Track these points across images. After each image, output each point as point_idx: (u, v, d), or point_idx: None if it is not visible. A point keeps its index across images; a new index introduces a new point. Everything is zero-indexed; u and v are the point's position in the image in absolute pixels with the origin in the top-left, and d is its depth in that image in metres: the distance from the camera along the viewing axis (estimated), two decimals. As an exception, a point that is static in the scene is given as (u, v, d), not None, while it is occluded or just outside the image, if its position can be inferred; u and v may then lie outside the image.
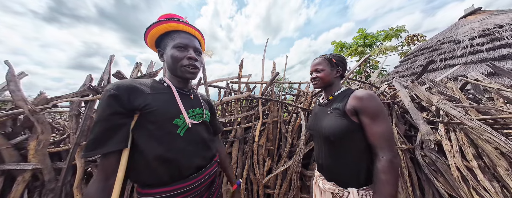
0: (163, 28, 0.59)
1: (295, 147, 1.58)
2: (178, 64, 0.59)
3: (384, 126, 0.63)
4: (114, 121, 0.48)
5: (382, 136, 0.62)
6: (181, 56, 0.58)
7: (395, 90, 1.84)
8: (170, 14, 0.62)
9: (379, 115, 0.63)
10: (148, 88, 0.56)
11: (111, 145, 0.47)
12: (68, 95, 1.28)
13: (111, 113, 0.48)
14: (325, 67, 0.80)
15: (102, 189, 0.46)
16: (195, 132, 0.61)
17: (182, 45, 0.58)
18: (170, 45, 0.59)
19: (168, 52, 0.59)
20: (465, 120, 1.07)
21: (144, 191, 0.53)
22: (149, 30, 0.59)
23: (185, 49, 0.59)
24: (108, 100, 0.48)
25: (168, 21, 0.58)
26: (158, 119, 0.54)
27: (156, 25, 0.58)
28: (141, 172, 0.53)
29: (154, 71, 1.47)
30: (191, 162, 0.58)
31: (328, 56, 0.82)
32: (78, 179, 1.14)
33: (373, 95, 0.67)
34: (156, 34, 0.60)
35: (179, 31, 0.61)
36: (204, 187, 0.61)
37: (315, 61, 0.84)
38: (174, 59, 0.58)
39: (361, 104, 0.66)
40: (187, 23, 0.61)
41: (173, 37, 0.59)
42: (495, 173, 1.21)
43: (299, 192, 1.47)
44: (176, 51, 0.58)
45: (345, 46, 10.12)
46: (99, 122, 0.47)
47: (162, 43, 0.62)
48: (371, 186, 0.67)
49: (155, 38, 0.62)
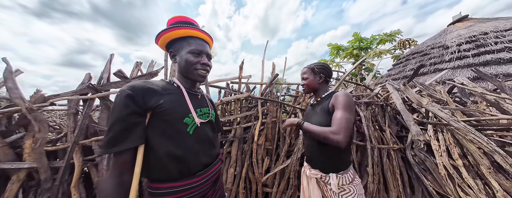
0: (181, 33, 0.62)
1: (293, 146, 1.62)
2: (191, 68, 0.63)
3: (345, 114, 0.75)
4: (131, 119, 0.50)
5: (340, 120, 0.73)
6: (195, 61, 0.62)
7: (388, 93, 1.93)
8: (183, 17, 0.64)
9: (344, 106, 0.77)
10: (160, 89, 0.58)
11: (129, 142, 0.50)
12: (67, 94, 1.25)
13: (128, 112, 0.50)
14: (309, 76, 0.97)
15: (118, 185, 0.48)
16: (203, 131, 0.64)
17: (197, 52, 0.62)
18: (185, 49, 0.62)
19: (183, 55, 0.62)
20: (451, 121, 1.15)
21: (155, 186, 0.56)
22: (166, 32, 0.61)
23: (199, 55, 0.63)
24: (125, 100, 0.50)
25: (187, 28, 0.61)
26: (169, 117, 0.56)
27: (174, 29, 0.61)
28: (152, 168, 0.55)
29: (155, 70, 1.47)
30: (199, 159, 0.61)
31: (311, 66, 0.99)
32: (76, 178, 1.13)
33: (346, 94, 0.82)
34: (171, 37, 0.63)
35: (195, 37, 0.64)
36: (209, 184, 0.64)
37: (302, 71, 1.02)
38: (188, 63, 0.62)
39: (335, 100, 0.81)
40: (203, 31, 0.65)
41: (189, 42, 0.63)
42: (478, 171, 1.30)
43: (297, 190, 1.51)
44: (191, 56, 0.62)
45: (341, 48, 10.34)
46: (117, 121, 0.49)
47: (175, 45, 0.64)
48: (346, 170, 0.85)
49: (169, 40, 0.64)
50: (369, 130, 1.67)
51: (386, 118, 1.88)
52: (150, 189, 0.56)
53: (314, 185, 0.91)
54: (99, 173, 1.22)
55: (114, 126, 0.49)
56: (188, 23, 0.62)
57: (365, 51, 9.67)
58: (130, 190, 0.49)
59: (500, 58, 4.53)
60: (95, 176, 1.24)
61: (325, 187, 0.87)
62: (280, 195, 1.53)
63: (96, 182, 1.21)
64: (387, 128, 1.79)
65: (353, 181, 0.85)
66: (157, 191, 0.55)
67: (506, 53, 4.56)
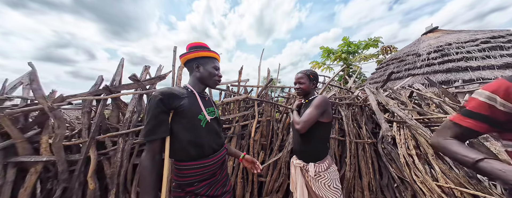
0: (208, 54, 0.87)
1: (285, 141, 1.86)
2: (212, 78, 0.87)
3: (311, 111, 0.97)
4: (161, 117, 0.69)
5: (305, 115, 0.97)
6: (215, 73, 0.87)
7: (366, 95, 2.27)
8: (204, 44, 0.90)
9: (315, 106, 0.98)
10: (180, 94, 0.77)
11: (160, 133, 0.70)
12: (82, 94, 1.36)
13: (159, 111, 0.69)
14: (305, 81, 1.11)
15: (153, 163, 0.68)
16: (211, 125, 0.85)
17: (217, 68, 0.88)
18: (210, 65, 0.86)
19: (208, 68, 0.85)
20: (407, 120, 1.48)
21: (180, 164, 0.76)
22: (201, 51, 0.85)
23: (217, 70, 0.89)
24: (157, 103, 0.69)
25: (213, 52, 0.88)
26: (187, 115, 0.76)
27: (206, 51, 0.86)
28: (178, 152, 0.75)
29: (163, 74, 1.62)
30: (210, 145, 0.82)
31: (307, 73, 1.13)
32: (92, 169, 1.24)
33: (321, 97, 1.01)
34: (200, 55, 0.86)
35: (215, 58, 0.90)
36: (218, 165, 0.86)
37: (298, 76, 1.14)
38: (211, 74, 0.86)
39: (315, 100, 1.01)
40: (219, 56, 0.92)
41: (212, 60, 0.87)
42: (426, 159, 1.66)
43: (287, 178, 1.75)
44: (213, 70, 0.86)
45: (331, 52, 10.98)
46: (152, 117, 0.68)
47: (201, 61, 0.87)
48: (322, 160, 1.03)
49: (197, 56, 0.86)
50: (349, 127, 1.98)
51: (364, 116, 2.21)
52: (177, 166, 0.76)
53: (299, 172, 1.10)
54: (112, 166, 1.34)
55: (150, 121, 0.68)
56: (208, 48, 0.89)
57: (353, 55, 10.39)
58: (162, 166, 0.69)
59: (459, 66, 5.29)
60: (107, 168, 1.36)
61: (306, 173, 1.05)
62: (273, 183, 1.76)
63: (108, 173, 1.34)
64: (364, 125, 2.12)
65: (328, 168, 1.02)
66: (182, 167, 0.75)
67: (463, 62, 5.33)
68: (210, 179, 0.80)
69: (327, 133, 1.09)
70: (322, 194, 0.98)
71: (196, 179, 0.76)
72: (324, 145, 1.08)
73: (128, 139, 1.42)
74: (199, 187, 0.76)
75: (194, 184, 0.75)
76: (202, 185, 0.77)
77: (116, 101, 1.52)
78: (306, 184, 1.07)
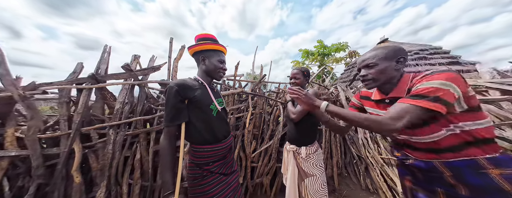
0: (216, 47, 0.91)
1: (275, 131, 2.12)
2: (217, 70, 0.92)
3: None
4: (179, 105, 0.78)
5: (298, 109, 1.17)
6: (220, 66, 0.92)
7: (338, 92, 2.74)
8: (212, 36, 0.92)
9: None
10: (192, 85, 0.84)
11: (182, 118, 0.79)
12: (60, 83, 1.17)
13: (177, 100, 0.78)
14: (300, 77, 1.28)
15: (170, 144, 0.77)
16: (221, 114, 0.96)
17: (223, 61, 0.94)
18: (216, 58, 0.90)
19: (213, 61, 0.90)
20: (366, 111, 1.94)
21: (196, 147, 0.86)
22: (208, 44, 0.89)
23: (223, 63, 0.95)
24: (174, 93, 0.77)
25: (221, 45, 0.92)
26: (200, 105, 0.86)
27: (215, 44, 0.89)
28: (195, 136, 0.86)
29: (158, 65, 1.54)
30: (221, 131, 0.93)
31: (302, 70, 1.30)
32: (77, 163, 1.14)
33: (314, 91, 1.17)
34: (207, 47, 0.90)
35: (222, 51, 0.95)
36: (227, 149, 0.98)
37: (295, 71, 1.30)
38: (216, 67, 0.91)
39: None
40: (226, 49, 0.97)
41: (218, 54, 0.92)
42: (375, 140, 2.22)
43: (276, 162, 2.03)
44: (219, 63, 0.91)
45: (310, 53, 12.07)
46: (172, 107, 0.77)
47: (207, 53, 0.91)
48: (312, 144, 1.22)
49: (204, 49, 0.90)
50: (324, 118, 2.40)
51: (334, 110, 2.69)
52: (194, 149, 0.86)
53: (291, 156, 1.26)
54: (102, 158, 1.27)
55: (171, 110, 0.77)
56: (215, 40, 0.93)
57: (327, 56, 11.69)
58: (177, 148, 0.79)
59: (400, 72, 6.82)
60: (94, 161, 1.27)
61: (298, 156, 1.21)
62: (264, 167, 2.01)
63: (94, 166, 1.26)
64: (335, 117, 2.60)
65: (316, 151, 1.21)
66: (199, 150, 0.85)
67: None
68: (222, 160, 0.92)
69: (316, 121, 1.30)
70: (311, 172, 1.18)
71: (211, 160, 0.87)
72: (314, 132, 1.27)
73: (119, 131, 1.35)
74: (214, 166, 0.87)
75: (210, 163, 0.86)
76: (216, 165, 0.88)
77: (102, 91, 1.39)
78: (297, 165, 1.23)
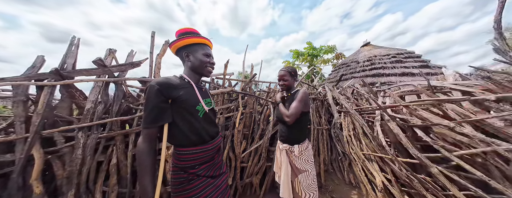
0: (198, 40, 0.84)
1: (265, 130, 2.13)
2: (203, 65, 0.84)
3: (297, 105, 1.13)
4: (161, 105, 0.71)
5: (292, 109, 1.14)
6: (206, 60, 0.84)
7: (326, 92, 2.86)
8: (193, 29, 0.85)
9: (299, 100, 1.14)
10: (177, 84, 0.77)
11: (164, 120, 0.72)
12: (15, 78, 1.02)
13: (159, 101, 0.70)
14: (288, 78, 1.28)
15: (150, 147, 0.69)
16: (208, 115, 0.89)
17: (208, 54, 0.87)
18: (200, 52, 0.82)
19: (198, 56, 0.81)
20: (349, 109, 2.06)
21: (180, 149, 0.79)
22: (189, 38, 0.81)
23: (209, 57, 0.88)
24: (156, 93, 0.69)
25: (203, 37, 0.85)
26: (185, 105, 0.76)
27: (195, 37, 0.82)
28: (179, 138, 0.78)
29: (138, 61, 1.44)
30: (207, 133, 0.88)
31: (289, 70, 1.30)
32: (37, 170, 1.02)
33: (304, 91, 1.19)
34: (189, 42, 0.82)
35: (206, 44, 0.88)
36: (215, 150, 0.93)
37: (282, 73, 1.29)
38: (202, 62, 0.83)
39: (298, 95, 1.19)
40: (211, 42, 0.90)
41: (202, 47, 0.83)
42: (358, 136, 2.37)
43: (266, 161, 2.05)
44: (204, 57, 0.83)
45: (300, 54, 12.43)
46: (153, 107, 0.69)
47: (190, 48, 0.83)
48: (303, 142, 1.25)
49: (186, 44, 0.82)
50: (312, 117, 2.49)
51: (323, 108, 2.81)
52: (178, 151, 0.79)
53: (284, 154, 1.28)
54: (66, 166, 1.15)
55: (152, 110, 0.69)
56: (197, 34, 0.86)
57: (316, 58, 12.18)
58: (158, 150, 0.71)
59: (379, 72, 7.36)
60: (59, 169, 1.15)
61: (291, 154, 1.24)
62: (254, 167, 2.02)
63: (60, 174, 1.13)
64: (323, 115, 2.71)
65: (307, 148, 1.26)
66: (183, 153, 0.79)
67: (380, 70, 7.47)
68: (209, 162, 0.86)
69: (307, 120, 1.29)
70: (303, 167, 1.22)
71: (197, 163, 0.81)
72: (305, 130, 1.30)
73: (91, 133, 1.23)
74: (200, 169, 0.81)
75: (196, 166, 0.80)
76: (202, 167, 0.82)
77: (69, 89, 1.25)
78: (290, 162, 1.26)
